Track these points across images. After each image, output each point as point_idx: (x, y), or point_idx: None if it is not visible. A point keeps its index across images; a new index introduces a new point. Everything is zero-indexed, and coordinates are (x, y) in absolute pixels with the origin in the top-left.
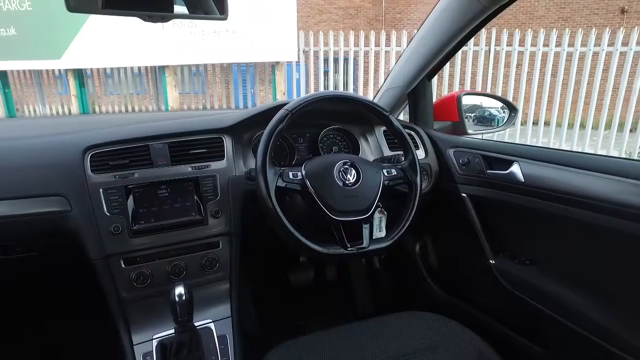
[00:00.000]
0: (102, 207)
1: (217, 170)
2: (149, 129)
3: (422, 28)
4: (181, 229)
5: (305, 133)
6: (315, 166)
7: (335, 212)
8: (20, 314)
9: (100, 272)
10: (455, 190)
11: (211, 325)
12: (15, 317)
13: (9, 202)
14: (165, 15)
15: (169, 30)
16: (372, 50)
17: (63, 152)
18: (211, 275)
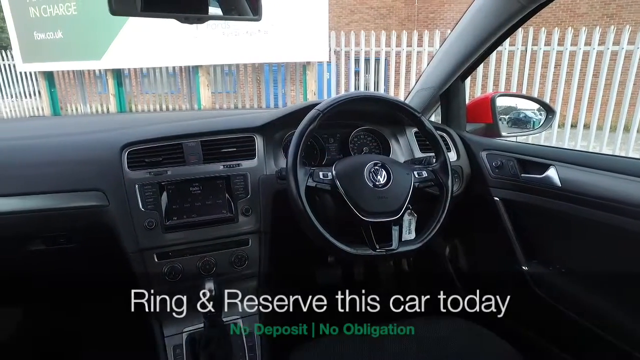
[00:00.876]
0: (137, 202)
1: (248, 169)
2: (182, 128)
3: (456, 28)
4: (212, 225)
5: (336, 133)
6: (345, 166)
7: (364, 212)
8: (59, 302)
9: (134, 266)
10: (487, 193)
11: (239, 321)
12: (54, 305)
13: (53, 195)
14: (201, 17)
15: (203, 31)
16: (404, 50)
17: (102, 149)
18: (240, 272)
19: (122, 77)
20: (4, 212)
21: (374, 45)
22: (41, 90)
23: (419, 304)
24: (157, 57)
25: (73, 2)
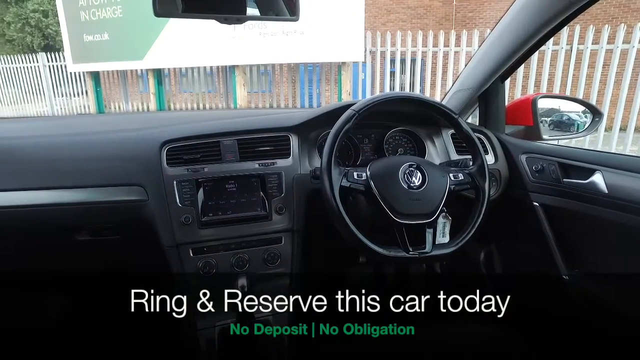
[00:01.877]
0: (175, 198)
1: (283, 167)
2: (220, 126)
3: (497, 27)
4: (246, 223)
5: (371, 134)
6: (380, 167)
7: (398, 214)
8: (100, 291)
9: (171, 259)
10: (526, 198)
11: (269, 318)
12: (94, 293)
13: (97, 189)
14: (240, 18)
15: (241, 32)
16: (441, 50)
17: (143, 146)
18: (272, 269)
19: (162, 76)
20: (56, 203)
21: (410, 45)
22: (88, 89)
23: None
24: (195, 57)
25: (119, 5)
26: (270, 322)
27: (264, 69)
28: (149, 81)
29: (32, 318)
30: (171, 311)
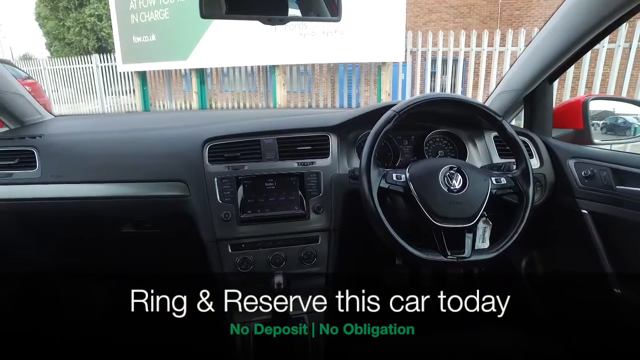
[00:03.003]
0: (215, 195)
1: (322, 167)
2: (260, 125)
3: (547, 25)
4: (284, 221)
5: (411, 135)
6: (419, 169)
7: (437, 217)
8: (141, 282)
9: (210, 254)
10: (573, 205)
11: (304, 317)
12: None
13: (142, 184)
14: (283, 18)
15: (281, 32)
16: (485, 50)
17: (186, 144)
18: (308, 268)
19: (204, 76)
20: (105, 196)
21: (452, 45)
22: (135, 88)
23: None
24: (237, 57)
25: (166, 8)
26: (305, 321)
27: (303, 69)
28: (192, 80)
29: (81, 305)
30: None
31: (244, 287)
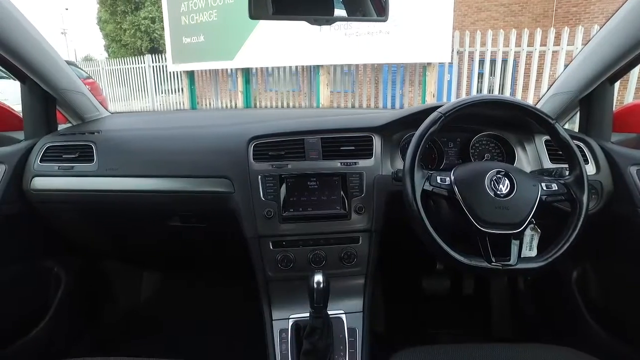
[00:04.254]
0: (259, 192)
1: (365, 168)
2: (305, 124)
3: (610, 21)
4: (325, 220)
5: (456, 137)
6: (465, 172)
7: (482, 222)
8: (187, 272)
9: (252, 250)
10: (634, 215)
11: (343, 317)
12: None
13: (189, 179)
14: (329, 19)
15: (326, 32)
16: (537, 50)
17: (232, 141)
18: (348, 268)
19: (250, 75)
20: (155, 190)
21: (502, 45)
22: (183, 87)
23: (534, 328)
24: (282, 57)
25: (215, 10)
26: (343, 321)
27: (347, 69)
28: (238, 80)
29: (130, 289)
30: (249, 299)
31: (284, 282)
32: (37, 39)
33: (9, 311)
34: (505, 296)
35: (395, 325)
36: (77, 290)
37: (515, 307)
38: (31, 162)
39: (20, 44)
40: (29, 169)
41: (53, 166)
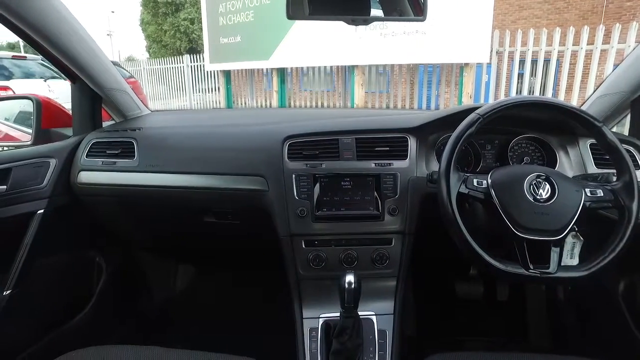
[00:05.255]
0: (292, 191)
1: (399, 169)
2: (339, 124)
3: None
4: (358, 221)
5: (494, 140)
6: (503, 176)
7: (520, 228)
8: (221, 267)
9: (284, 248)
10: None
11: (373, 318)
12: (213, 268)
13: (224, 177)
14: (367, 19)
15: (362, 33)
16: (583, 49)
17: (267, 140)
18: (380, 270)
19: (285, 75)
20: (191, 187)
21: (545, 44)
22: (220, 86)
23: (574, 339)
24: (317, 57)
25: (251, 11)
26: (374, 322)
27: (382, 69)
28: (273, 79)
29: (165, 281)
30: (280, 297)
31: (316, 281)
32: (87, 42)
33: (58, 296)
34: (542, 304)
35: (426, 329)
36: (117, 280)
37: (554, 316)
38: (78, 157)
39: (73, 47)
40: (76, 163)
41: (97, 161)
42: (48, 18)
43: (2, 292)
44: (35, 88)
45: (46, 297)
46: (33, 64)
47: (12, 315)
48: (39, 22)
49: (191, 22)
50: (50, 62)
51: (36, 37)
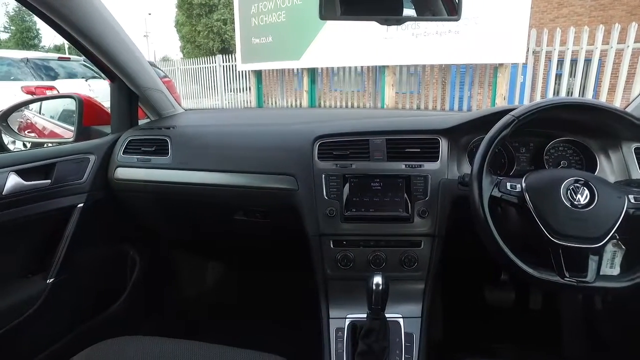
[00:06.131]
0: (322, 191)
1: (430, 171)
2: (370, 125)
3: None
4: (387, 222)
5: (529, 142)
6: (538, 180)
7: (555, 234)
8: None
9: (312, 248)
10: None
11: (400, 321)
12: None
13: (254, 175)
14: (399, 19)
15: (393, 33)
16: (630, 47)
17: (297, 140)
18: (408, 272)
19: (315, 75)
20: (220, 184)
21: (586, 43)
22: (251, 86)
23: (616, 352)
24: (348, 57)
25: (283, 11)
26: (401, 325)
27: (414, 69)
28: (304, 79)
29: (195, 277)
30: (307, 296)
31: (343, 282)
32: (127, 43)
33: (95, 287)
34: (579, 316)
35: (454, 334)
36: (149, 274)
37: (591, 329)
38: (115, 154)
39: (113, 47)
40: (113, 159)
41: (133, 158)
42: (93, 22)
43: (47, 279)
44: (77, 87)
45: (84, 287)
46: (76, 65)
47: (54, 303)
48: (85, 26)
49: (224, 22)
50: (92, 62)
51: (81, 39)
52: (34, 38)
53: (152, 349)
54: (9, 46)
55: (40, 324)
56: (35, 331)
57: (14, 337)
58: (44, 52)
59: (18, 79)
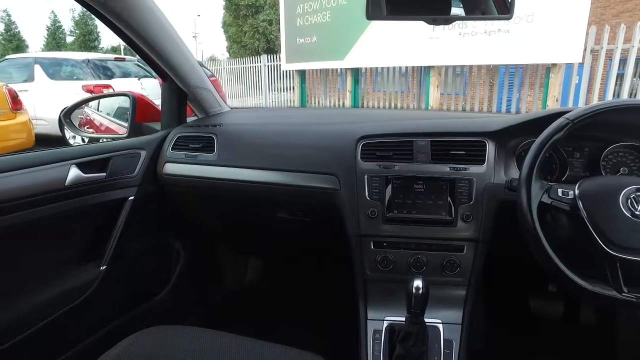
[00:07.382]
0: (364, 191)
1: (475, 174)
2: (414, 126)
3: None
4: (429, 225)
5: (584, 147)
6: (594, 187)
7: (612, 245)
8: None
9: (353, 248)
10: None
11: (439, 326)
12: (283, 262)
13: (297, 174)
14: (448, 18)
15: (439, 32)
16: None
17: (341, 139)
18: (450, 277)
19: (359, 75)
20: (264, 182)
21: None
22: (295, 85)
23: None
24: (392, 57)
25: (328, 12)
26: (440, 331)
27: (459, 70)
28: (347, 79)
29: (236, 272)
30: (346, 296)
31: (382, 284)
32: (178, 44)
33: (142, 276)
34: (636, 335)
35: (496, 344)
36: (193, 267)
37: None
38: (165, 150)
39: (166, 48)
40: (162, 155)
41: (181, 154)
42: (149, 24)
43: (100, 267)
44: (130, 86)
45: (132, 276)
46: (130, 65)
47: (105, 289)
48: (141, 28)
49: (269, 23)
50: (145, 62)
51: (138, 40)
52: (95, 40)
53: (189, 339)
54: (73, 48)
55: (91, 309)
56: (86, 316)
57: (67, 321)
58: (102, 53)
59: (80, 78)
